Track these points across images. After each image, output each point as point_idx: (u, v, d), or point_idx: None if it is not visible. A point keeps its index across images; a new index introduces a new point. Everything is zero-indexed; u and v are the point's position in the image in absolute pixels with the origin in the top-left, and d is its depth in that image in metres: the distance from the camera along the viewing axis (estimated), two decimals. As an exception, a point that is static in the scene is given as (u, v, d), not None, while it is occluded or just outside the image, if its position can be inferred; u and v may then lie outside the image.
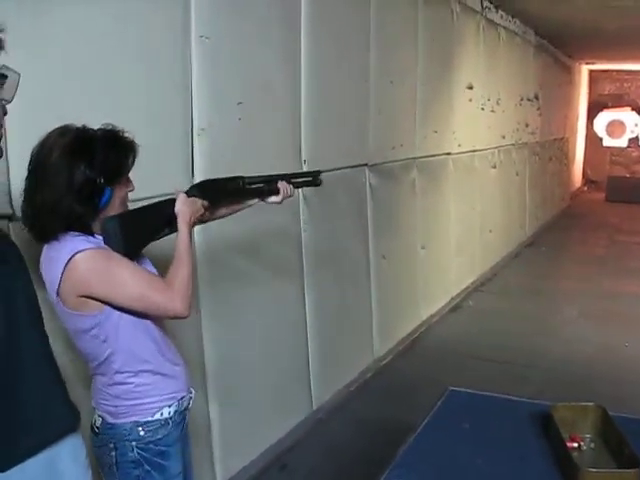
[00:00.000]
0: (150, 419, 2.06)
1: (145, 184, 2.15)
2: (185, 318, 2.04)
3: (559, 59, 11.84)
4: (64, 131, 1.89)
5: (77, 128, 1.91)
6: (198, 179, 2.96)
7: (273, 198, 2.46)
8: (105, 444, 2.07)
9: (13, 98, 1.56)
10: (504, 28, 7.99)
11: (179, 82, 2.98)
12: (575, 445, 2.18)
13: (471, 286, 7.44)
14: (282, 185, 2.44)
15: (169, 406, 2.10)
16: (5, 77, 1.45)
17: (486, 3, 7.20)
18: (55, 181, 1.84)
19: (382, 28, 4.83)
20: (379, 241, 5.11)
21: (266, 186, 2.41)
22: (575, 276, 8.59)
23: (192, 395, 2.23)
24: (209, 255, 3.22)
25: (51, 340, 1.82)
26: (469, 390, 2.63)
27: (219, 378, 3.38)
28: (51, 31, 2.31)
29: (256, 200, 2.46)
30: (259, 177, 2.40)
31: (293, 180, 2.51)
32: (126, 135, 1.98)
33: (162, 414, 2.08)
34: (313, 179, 2.61)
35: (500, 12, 7.73)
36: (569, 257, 9.82)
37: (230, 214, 2.48)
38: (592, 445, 2.22)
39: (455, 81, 6.57)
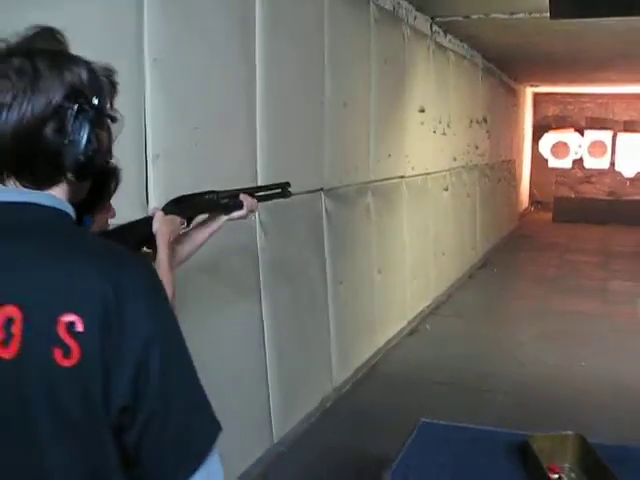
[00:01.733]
0: None
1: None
2: None
3: (505, 82, 12.03)
4: None
5: None
6: (153, 206, 2.84)
7: (237, 213, 2.35)
8: None
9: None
10: (453, 52, 8.07)
11: (132, 106, 2.86)
12: (555, 476, 2.11)
13: (427, 310, 7.41)
14: (245, 198, 2.32)
15: None
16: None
17: (435, 27, 7.25)
18: None
19: (336, 51, 4.79)
20: (336, 266, 5.03)
21: (230, 200, 2.30)
22: (528, 296, 8.64)
23: None
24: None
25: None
26: (441, 422, 2.54)
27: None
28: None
29: (224, 218, 2.34)
30: (231, 191, 2.30)
31: (263, 193, 2.40)
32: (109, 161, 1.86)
33: None
34: (282, 190, 2.50)
35: (449, 36, 7.79)
36: (521, 277, 9.91)
37: (205, 240, 2.32)
38: (572, 475, 2.16)
39: (407, 104, 6.58)
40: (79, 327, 1.09)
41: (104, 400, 1.10)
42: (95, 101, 1.22)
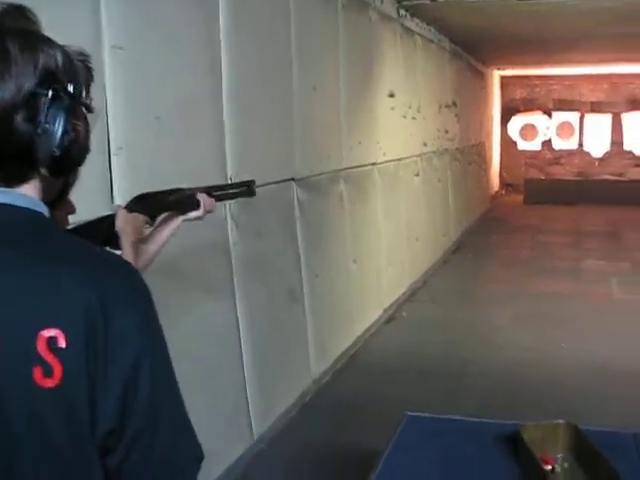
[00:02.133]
0: None
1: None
2: None
3: (473, 65, 12.00)
4: None
5: None
6: (118, 202, 2.72)
7: (194, 213, 2.24)
8: None
9: None
10: (420, 36, 7.98)
11: (93, 95, 2.72)
12: (549, 467, 2.03)
13: (402, 297, 7.34)
14: (202, 197, 2.20)
15: None
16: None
17: (402, 11, 7.15)
18: None
19: (303, 38, 4.68)
20: (310, 258, 4.93)
21: (187, 200, 2.19)
22: (502, 279, 8.62)
23: None
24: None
25: None
26: (427, 415, 2.45)
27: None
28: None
29: (181, 218, 2.23)
30: (194, 189, 2.19)
31: (226, 192, 2.29)
32: None
33: None
34: (248, 188, 2.40)
35: (415, 20, 7.70)
36: (495, 261, 9.88)
37: (170, 237, 2.22)
38: (565, 465, 2.08)
39: (377, 89, 6.48)
40: (61, 343, 0.97)
41: (90, 421, 1.00)
42: (71, 88, 1.09)
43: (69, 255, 1.08)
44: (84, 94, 1.16)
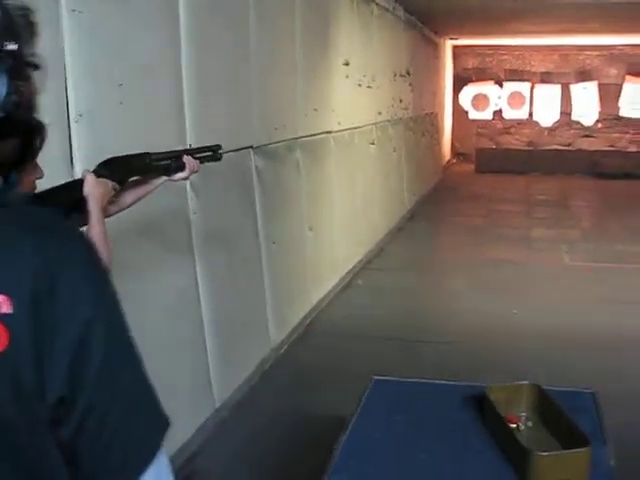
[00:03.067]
0: None
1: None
2: None
3: (426, 35, 12.00)
4: None
5: None
6: (78, 169, 2.68)
7: (180, 174, 2.27)
8: None
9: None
10: (376, 4, 7.94)
11: (51, 62, 2.64)
12: (513, 426, 2.09)
13: (359, 264, 7.39)
14: (188, 160, 2.26)
15: None
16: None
17: (358, -22, 7.11)
18: None
19: (260, 5, 4.61)
20: (268, 225, 4.92)
21: (173, 162, 2.21)
22: (456, 247, 8.75)
23: None
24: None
25: None
26: (394, 379, 2.49)
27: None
28: None
29: (163, 179, 2.26)
30: (163, 153, 2.22)
31: (197, 155, 2.33)
32: (32, 115, 1.70)
33: None
34: (214, 153, 2.45)
35: (371, -13, 7.67)
36: (449, 229, 10.01)
37: (135, 202, 2.25)
38: (529, 424, 2.15)
39: (332, 57, 6.45)
40: (6, 308, 0.93)
41: (38, 390, 0.95)
42: (13, 46, 1.04)
43: (19, 222, 1.04)
44: (28, 51, 1.11)
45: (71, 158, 2.77)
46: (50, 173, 2.09)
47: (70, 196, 1.85)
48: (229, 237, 4.38)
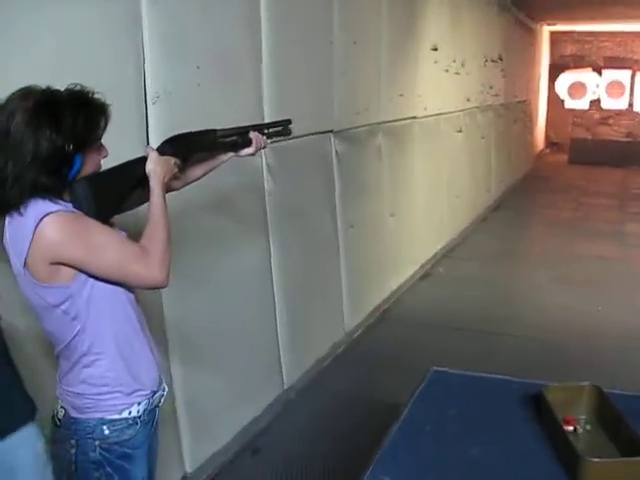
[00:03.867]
0: (117, 417, 1.86)
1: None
2: (163, 288, 1.85)
3: (521, 20, 11.67)
4: (26, 93, 1.66)
5: (41, 90, 1.68)
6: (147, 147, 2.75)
7: (246, 150, 2.30)
8: (65, 439, 1.87)
9: None
10: (468, -13, 7.79)
11: (129, 45, 2.72)
12: (570, 428, 2.03)
13: (440, 252, 7.31)
14: (254, 136, 2.28)
15: (138, 404, 1.89)
16: None
17: (449, -38, 6.97)
18: (18, 150, 1.62)
19: (345, -13, 4.59)
20: (347, 210, 4.92)
21: (239, 138, 2.24)
22: (543, 240, 8.53)
23: (164, 392, 2.03)
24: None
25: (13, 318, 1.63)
26: (452, 370, 2.46)
27: (183, 357, 3.18)
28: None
29: (230, 155, 2.29)
30: (230, 129, 2.24)
31: (264, 131, 2.33)
32: (97, 96, 1.76)
33: (130, 412, 1.88)
34: (283, 128, 2.45)
35: (463, -29, 7.51)
36: (536, 220, 9.76)
37: (202, 176, 2.29)
38: (588, 427, 2.07)
39: (419, 42, 6.36)
40: None
41: None
42: None
43: None
44: None
45: (147, 139, 2.84)
46: (127, 153, 2.15)
47: (133, 173, 1.90)
48: (305, 220, 4.40)
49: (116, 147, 2.58)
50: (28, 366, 1.95)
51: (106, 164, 2.01)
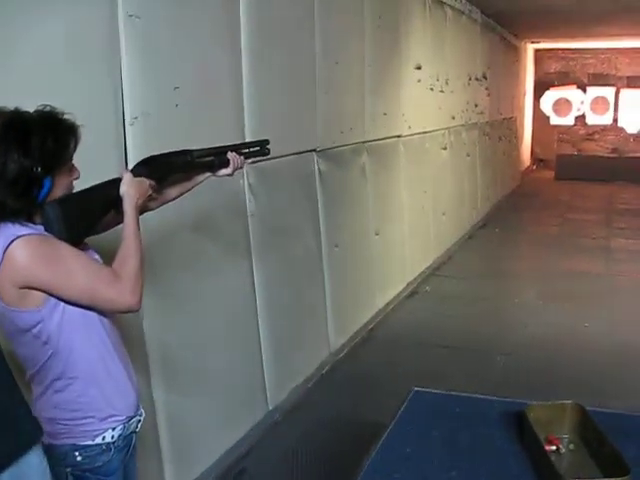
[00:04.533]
0: (90, 443, 1.83)
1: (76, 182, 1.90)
2: (135, 312, 1.84)
3: (505, 38, 11.77)
4: None
5: (10, 111, 1.66)
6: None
7: (224, 171, 2.28)
8: None
9: None
10: (450, 7, 7.83)
11: (107, 66, 2.71)
12: (553, 448, 2.00)
13: (427, 271, 7.30)
14: (232, 156, 2.26)
15: (113, 429, 1.86)
16: None
17: (432, -19, 7.02)
18: None
19: (326, 7, 4.60)
20: (331, 229, 4.91)
21: (216, 159, 2.22)
22: (530, 256, 8.54)
23: (141, 417, 1.99)
24: (149, 239, 2.95)
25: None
26: (434, 391, 2.43)
27: (165, 378, 3.13)
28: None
29: (207, 175, 2.27)
30: (207, 150, 2.22)
31: (242, 151, 2.31)
32: (66, 117, 1.74)
33: (104, 438, 1.84)
34: (261, 148, 2.43)
35: (446, -10, 7.56)
36: (523, 237, 9.77)
37: (178, 196, 2.26)
38: (571, 447, 2.05)
39: (403, 61, 6.38)
40: None
41: None
42: None
43: None
44: None
45: (126, 160, 2.82)
46: (105, 175, 2.13)
47: (106, 195, 1.87)
48: (289, 239, 4.38)
49: (94, 169, 2.56)
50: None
51: (83, 186, 1.99)
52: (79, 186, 2.03)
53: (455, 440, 2.07)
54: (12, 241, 1.63)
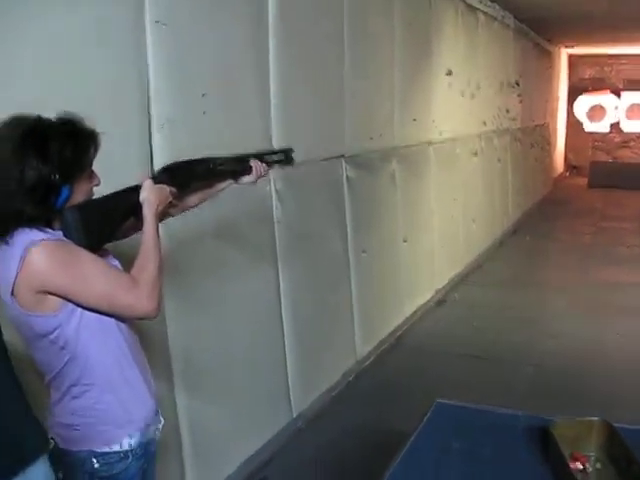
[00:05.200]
0: (107, 450, 1.82)
1: (99, 189, 1.89)
2: (153, 319, 1.82)
3: (538, 43, 11.64)
4: (16, 121, 1.65)
5: (31, 118, 1.67)
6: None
7: (247, 178, 2.27)
8: (53, 472, 1.82)
9: None
10: (483, 12, 7.77)
11: (133, 73, 2.71)
12: (579, 466, 1.95)
13: (456, 278, 7.23)
14: (255, 164, 2.25)
15: (130, 436, 1.85)
16: None
17: (464, -14, 6.97)
18: (4, 179, 1.61)
19: (356, 13, 4.58)
20: (359, 236, 4.88)
21: (239, 166, 2.21)
22: (561, 265, 8.40)
23: (160, 425, 1.98)
24: (175, 244, 2.95)
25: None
26: (457, 403, 2.39)
27: (188, 384, 3.13)
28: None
29: (229, 182, 2.25)
30: (230, 157, 2.20)
31: (265, 159, 2.29)
32: (86, 124, 1.74)
33: (121, 445, 1.83)
34: (286, 157, 2.41)
35: (479, -4, 7.50)
36: (554, 245, 9.63)
37: (200, 203, 2.25)
38: (598, 465, 1.99)
39: (434, 67, 6.34)
40: None
41: None
42: None
43: None
44: None
45: (152, 167, 2.82)
46: (130, 182, 2.13)
47: (126, 201, 1.87)
48: (315, 246, 4.36)
49: (120, 175, 2.58)
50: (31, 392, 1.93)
51: (107, 192, 1.99)
52: (105, 192, 2.04)
53: (477, 454, 2.03)
54: (30, 247, 1.63)
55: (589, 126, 15.28)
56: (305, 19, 3.98)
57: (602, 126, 15.21)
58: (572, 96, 15.64)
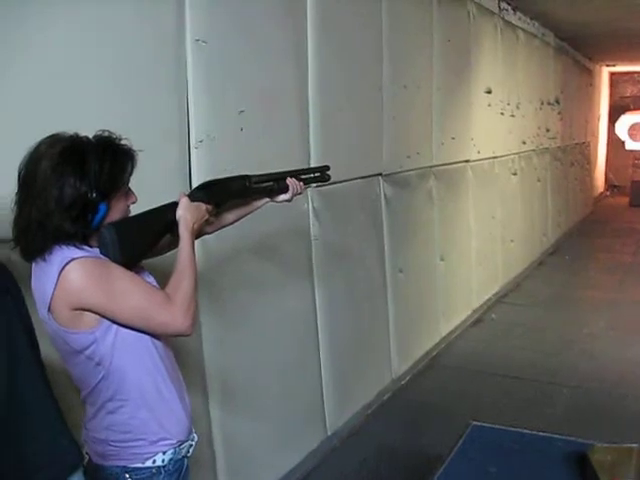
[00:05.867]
0: (140, 466, 1.83)
1: (136, 205, 1.92)
2: (187, 336, 1.83)
3: (579, 61, 11.55)
4: (55, 140, 1.68)
5: (69, 136, 1.70)
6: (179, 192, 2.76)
7: (282, 196, 2.28)
8: None
9: None
10: (522, 30, 7.73)
11: (174, 90, 2.75)
12: (618, 493, 1.92)
13: (493, 298, 7.16)
14: (291, 182, 2.26)
15: (164, 453, 1.86)
16: None
17: (504, 4, 6.95)
18: (42, 196, 1.64)
19: (395, 30, 4.60)
20: (395, 254, 4.86)
21: (275, 184, 2.22)
22: (601, 285, 8.26)
23: (194, 442, 1.99)
24: (212, 261, 2.98)
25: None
26: (493, 425, 2.36)
27: (222, 400, 3.14)
28: (33, 36, 2.11)
29: (265, 200, 2.27)
30: (266, 175, 2.21)
31: (301, 177, 2.31)
32: (123, 142, 1.77)
33: (154, 461, 1.84)
34: (321, 174, 2.42)
35: (518, 14, 7.47)
36: (594, 265, 9.49)
37: (236, 221, 2.27)
38: (637, 492, 1.96)
39: (473, 85, 6.32)
40: None
41: None
42: None
43: None
44: None
45: (190, 184, 2.85)
46: (169, 198, 2.16)
47: (162, 219, 1.89)
48: (352, 264, 4.36)
49: (158, 192, 2.61)
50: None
51: (145, 208, 2.02)
52: (143, 208, 2.07)
53: (513, 478, 2.00)
54: (67, 263, 1.65)
55: (631, 144, 15.06)
56: (344, 36, 4.00)
57: (644, 145, 14.99)
58: (613, 114, 15.45)
